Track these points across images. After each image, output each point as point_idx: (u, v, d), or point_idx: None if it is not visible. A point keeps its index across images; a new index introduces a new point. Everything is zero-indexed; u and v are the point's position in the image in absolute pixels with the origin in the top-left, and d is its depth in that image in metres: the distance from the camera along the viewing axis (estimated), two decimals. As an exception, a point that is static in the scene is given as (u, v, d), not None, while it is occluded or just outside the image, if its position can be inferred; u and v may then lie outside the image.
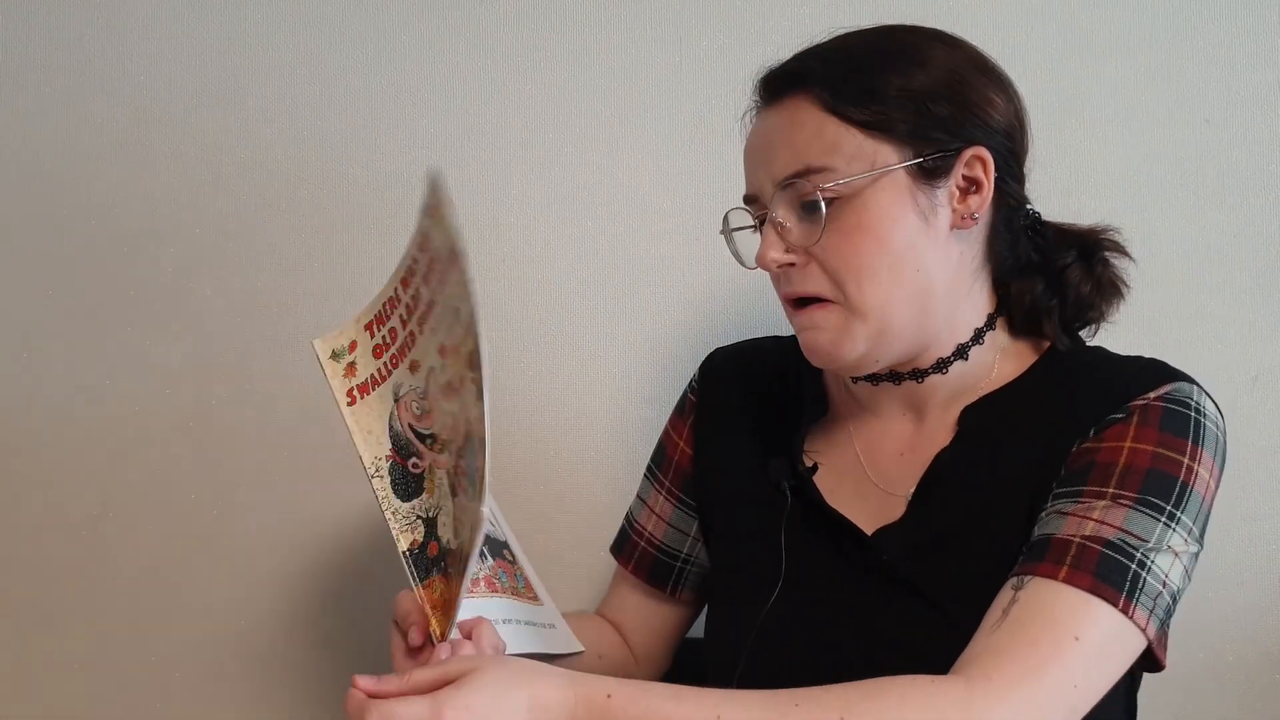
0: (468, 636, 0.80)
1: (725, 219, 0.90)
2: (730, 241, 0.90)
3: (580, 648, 0.96)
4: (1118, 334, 0.90)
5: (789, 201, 0.81)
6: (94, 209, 1.23)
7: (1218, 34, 1.13)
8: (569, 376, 1.20)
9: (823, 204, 0.79)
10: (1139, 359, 0.84)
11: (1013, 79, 0.85)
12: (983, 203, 0.81)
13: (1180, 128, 1.14)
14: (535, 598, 0.95)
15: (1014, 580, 0.75)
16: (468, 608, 0.84)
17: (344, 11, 1.21)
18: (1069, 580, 0.72)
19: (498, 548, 0.95)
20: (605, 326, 1.20)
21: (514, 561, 0.96)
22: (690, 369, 1.04)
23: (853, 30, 0.84)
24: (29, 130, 1.23)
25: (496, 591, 0.89)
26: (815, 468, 0.89)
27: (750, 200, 0.87)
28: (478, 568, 0.88)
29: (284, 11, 1.21)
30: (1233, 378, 0.82)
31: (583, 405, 1.20)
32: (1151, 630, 0.73)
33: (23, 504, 1.25)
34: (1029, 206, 0.87)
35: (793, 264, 0.82)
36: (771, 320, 1.17)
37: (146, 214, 1.22)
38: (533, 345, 1.20)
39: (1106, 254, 0.87)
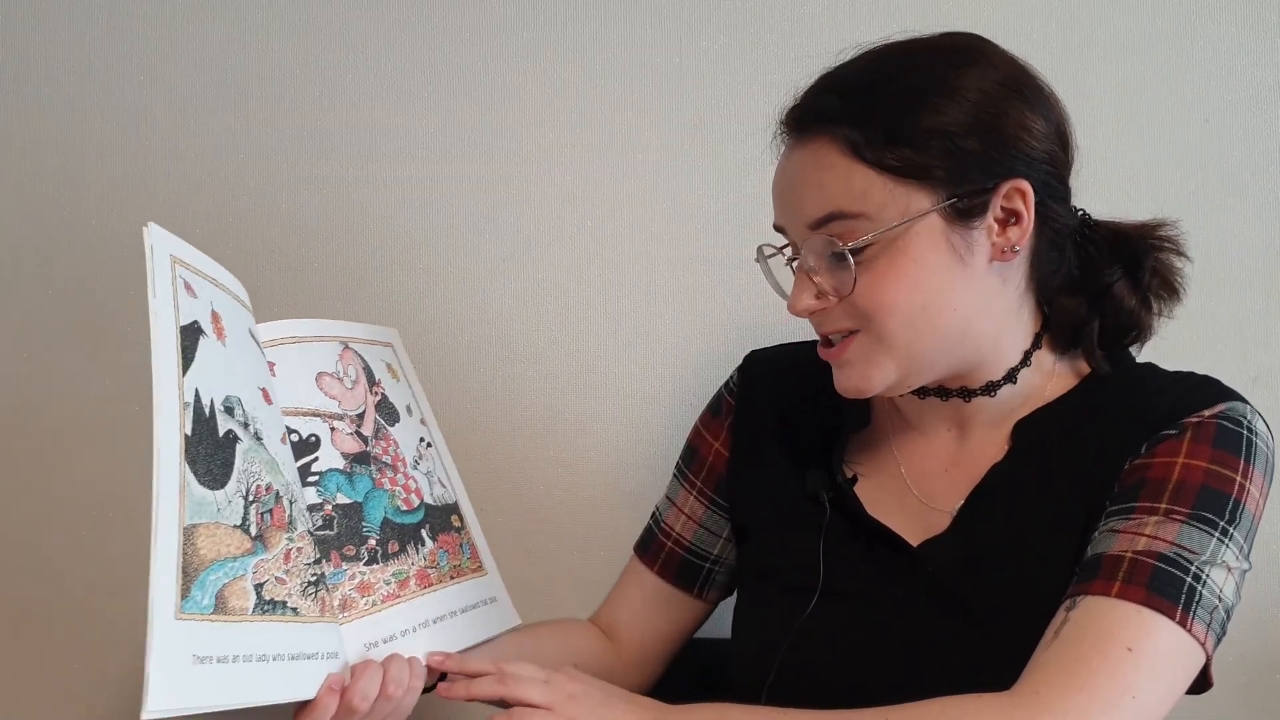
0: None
1: (759, 250, 0.87)
2: (766, 270, 0.88)
3: (517, 620, 0.93)
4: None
5: (819, 247, 0.78)
6: (94, 209, 1.23)
7: (1218, 34, 1.13)
8: (568, 377, 1.20)
9: (850, 257, 0.76)
10: (1191, 375, 0.82)
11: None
12: (1023, 234, 0.77)
13: (1180, 128, 1.14)
14: (479, 568, 0.92)
15: (1067, 602, 0.74)
16: (397, 615, 0.83)
17: (344, 11, 1.21)
18: (1122, 595, 0.71)
19: (443, 516, 0.91)
20: (604, 327, 1.20)
21: (460, 528, 0.93)
22: (690, 368, 1.04)
23: (875, 49, 0.80)
24: (29, 130, 1.23)
25: (431, 585, 0.87)
26: (855, 479, 0.88)
27: (779, 229, 0.84)
28: (409, 563, 0.86)
29: (284, 12, 1.21)
30: (1233, 378, 0.82)
31: (582, 405, 1.20)
32: (1210, 645, 0.72)
33: (23, 504, 1.25)
34: (1079, 211, 0.83)
35: (823, 309, 0.80)
36: (771, 322, 1.17)
37: (146, 214, 1.22)
38: (532, 345, 1.20)
39: (1158, 256, 0.83)
